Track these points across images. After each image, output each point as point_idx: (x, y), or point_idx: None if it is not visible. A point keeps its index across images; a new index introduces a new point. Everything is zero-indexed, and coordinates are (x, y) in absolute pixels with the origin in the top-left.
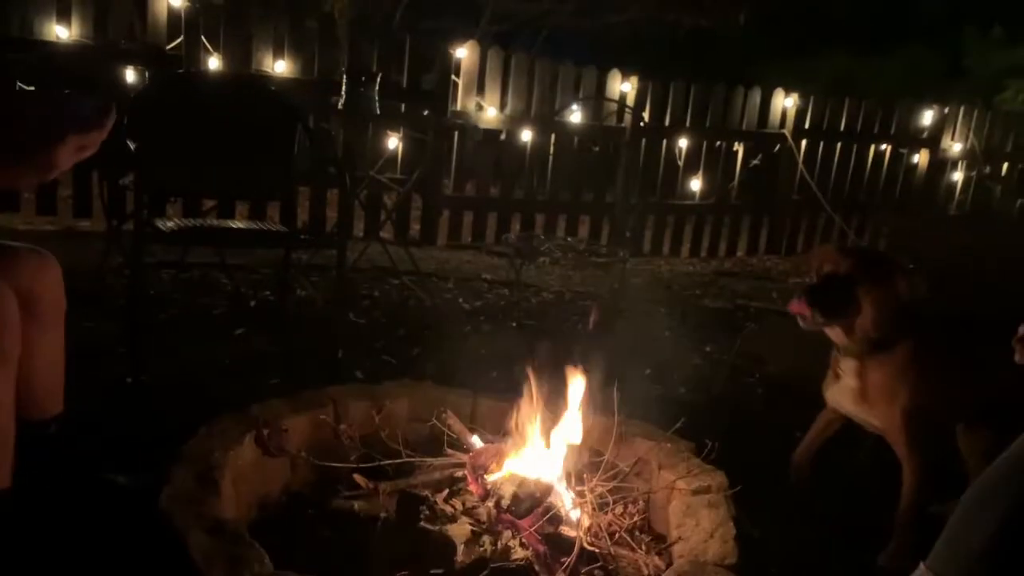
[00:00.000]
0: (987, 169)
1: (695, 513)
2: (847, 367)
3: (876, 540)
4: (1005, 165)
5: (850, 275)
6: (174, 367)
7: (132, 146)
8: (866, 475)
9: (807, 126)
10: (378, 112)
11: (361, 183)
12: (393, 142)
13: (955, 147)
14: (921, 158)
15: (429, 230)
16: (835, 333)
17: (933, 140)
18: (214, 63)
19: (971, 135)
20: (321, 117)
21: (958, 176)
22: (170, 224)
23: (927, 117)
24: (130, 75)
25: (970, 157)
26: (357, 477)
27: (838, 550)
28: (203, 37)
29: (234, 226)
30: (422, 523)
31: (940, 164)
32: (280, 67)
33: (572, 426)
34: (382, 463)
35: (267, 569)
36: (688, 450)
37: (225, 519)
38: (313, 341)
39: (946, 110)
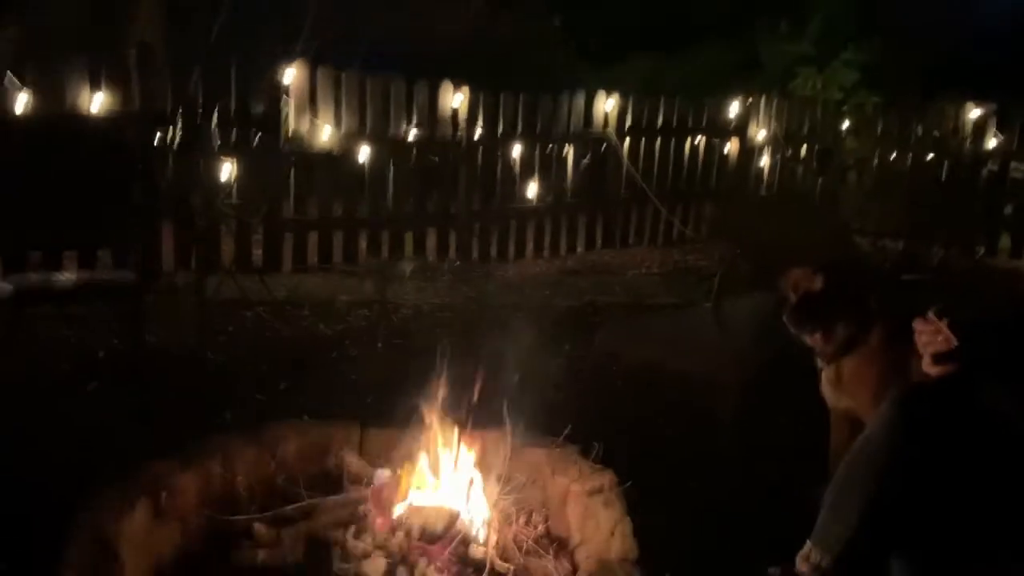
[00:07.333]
0: (789, 152)
1: (594, 514)
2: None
3: (759, 525)
4: (803, 147)
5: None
6: (27, 437)
7: None
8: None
9: (628, 125)
10: (217, 144)
11: (199, 215)
12: (227, 169)
13: (760, 134)
14: (732, 146)
15: (273, 256)
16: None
17: (741, 129)
18: (23, 100)
19: (772, 122)
20: (148, 150)
21: (765, 161)
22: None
23: (733, 109)
24: None
25: (773, 142)
26: (257, 527)
27: (730, 537)
28: (9, 72)
29: (75, 280)
30: (338, 564)
31: (749, 151)
32: (98, 101)
33: (466, 446)
34: (281, 510)
35: None
36: (576, 453)
37: None
38: (175, 386)
39: (749, 100)
